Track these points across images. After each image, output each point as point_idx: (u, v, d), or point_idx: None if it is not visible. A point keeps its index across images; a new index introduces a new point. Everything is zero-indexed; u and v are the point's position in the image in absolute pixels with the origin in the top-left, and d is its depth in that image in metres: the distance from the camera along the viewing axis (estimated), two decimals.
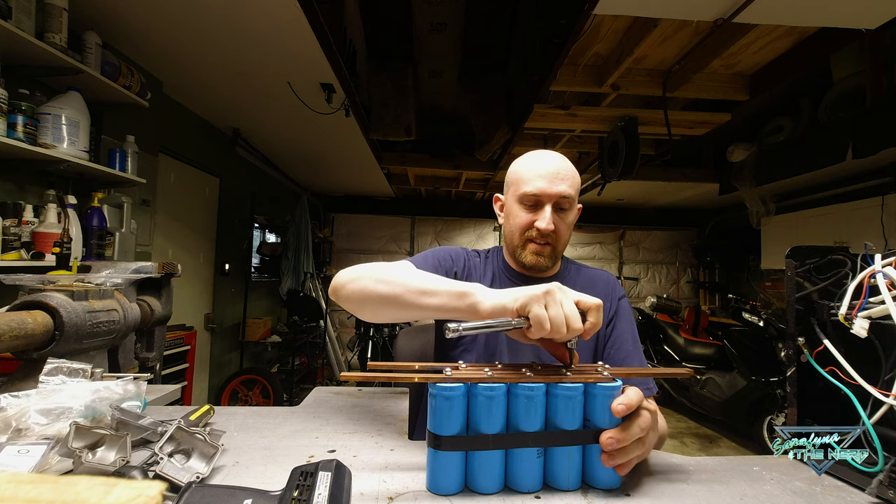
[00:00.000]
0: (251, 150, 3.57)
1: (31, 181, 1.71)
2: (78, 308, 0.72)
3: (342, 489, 0.46)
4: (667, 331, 4.17)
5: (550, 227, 0.81)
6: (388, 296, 0.68)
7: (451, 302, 0.63)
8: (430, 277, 0.68)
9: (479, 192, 5.48)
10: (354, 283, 0.73)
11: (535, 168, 0.84)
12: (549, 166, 0.83)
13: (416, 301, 0.66)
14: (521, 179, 0.84)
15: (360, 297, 0.72)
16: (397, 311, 0.69)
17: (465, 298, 0.62)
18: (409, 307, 0.67)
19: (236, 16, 1.80)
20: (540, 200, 0.82)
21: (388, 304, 0.69)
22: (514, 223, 0.86)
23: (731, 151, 3.73)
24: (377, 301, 0.70)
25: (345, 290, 0.74)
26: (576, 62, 2.54)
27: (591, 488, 0.53)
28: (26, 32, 1.42)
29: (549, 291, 0.55)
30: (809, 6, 1.65)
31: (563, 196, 0.81)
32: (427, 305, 0.65)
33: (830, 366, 0.63)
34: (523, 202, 0.84)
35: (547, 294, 0.55)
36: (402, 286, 0.68)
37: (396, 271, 0.71)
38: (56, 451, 0.49)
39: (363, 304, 0.72)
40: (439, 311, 0.65)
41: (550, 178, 0.81)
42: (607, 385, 0.53)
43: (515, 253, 0.87)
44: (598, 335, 0.88)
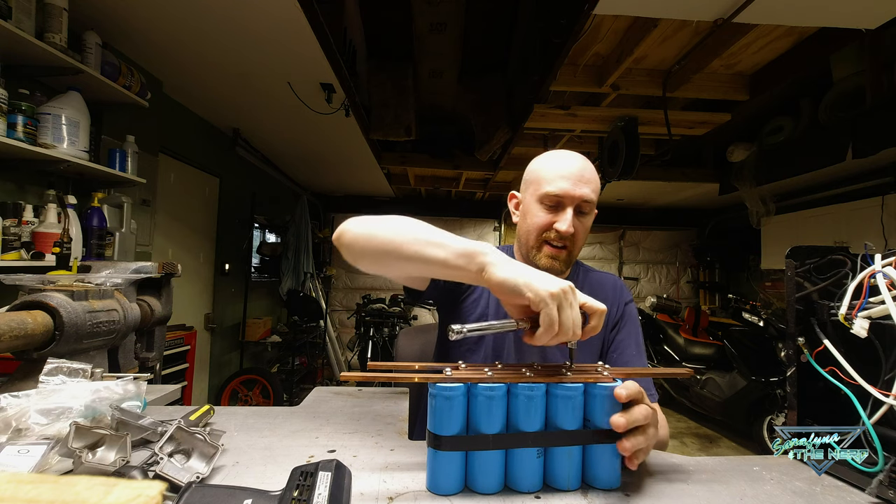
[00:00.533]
0: (251, 150, 3.57)
1: (31, 181, 1.71)
2: (78, 308, 0.72)
3: (342, 489, 0.46)
4: (667, 331, 4.17)
5: (571, 229, 0.79)
6: (392, 242, 0.65)
7: (458, 260, 0.60)
8: (439, 231, 0.64)
9: (479, 192, 5.48)
10: (360, 227, 0.69)
11: (559, 168, 0.81)
12: (574, 167, 0.80)
13: (421, 252, 0.62)
14: (543, 178, 0.82)
15: (364, 241, 0.68)
16: (399, 260, 0.65)
17: (474, 259, 0.58)
18: (411, 258, 0.63)
19: (236, 16, 1.80)
20: (561, 202, 0.80)
21: (391, 253, 0.65)
22: (531, 223, 0.83)
23: (731, 151, 3.73)
24: (380, 247, 0.66)
25: (349, 235, 0.70)
26: (576, 62, 2.54)
27: (591, 488, 0.53)
28: (26, 32, 1.42)
29: (564, 291, 0.53)
30: (809, 6, 1.65)
31: (586, 200, 0.79)
32: (432, 258, 0.61)
33: (830, 366, 0.63)
34: (544, 202, 0.81)
35: (563, 294, 0.53)
36: (408, 233, 0.64)
37: (405, 220, 0.67)
38: (56, 451, 0.49)
39: (365, 252, 0.69)
40: (444, 267, 0.61)
41: (574, 180, 0.79)
42: (607, 385, 0.53)
43: (530, 254, 0.85)
44: (602, 339, 0.87)
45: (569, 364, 0.59)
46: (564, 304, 0.53)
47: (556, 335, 0.53)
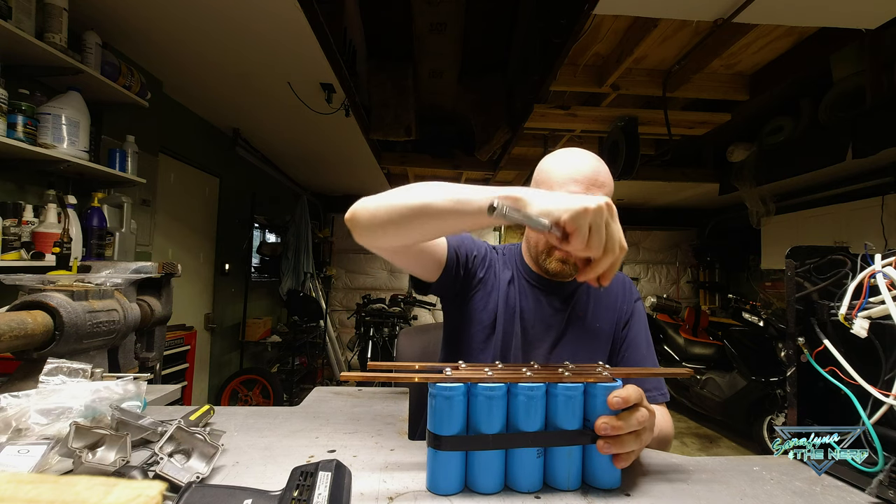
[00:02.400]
0: (251, 150, 3.57)
1: (31, 181, 1.71)
2: (78, 308, 0.72)
3: (342, 489, 0.46)
4: (667, 331, 4.17)
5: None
6: (418, 207, 0.59)
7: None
8: (462, 186, 0.59)
9: None
10: (378, 200, 0.63)
11: (570, 170, 0.77)
12: (587, 169, 0.76)
13: (453, 208, 0.57)
14: (554, 180, 0.78)
15: (385, 213, 0.62)
16: (427, 222, 0.60)
17: (515, 204, 0.54)
18: (442, 216, 0.59)
19: (236, 16, 1.80)
20: None
21: (419, 217, 0.60)
22: None
23: (731, 151, 3.73)
24: (406, 215, 0.60)
25: (366, 211, 0.64)
26: (576, 62, 2.54)
27: (590, 488, 0.53)
28: (26, 32, 1.42)
29: (601, 208, 0.50)
30: (809, 6, 1.65)
31: None
32: (465, 212, 0.57)
33: (830, 366, 0.63)
34: None
35: (599, 210, 0.50)
36: (433, 195, 0.59)
37: (423, 185, 0.62)
38: (56, 451, 0.49)
39: (388, 223, 0.62)
40: (478, 219, 0.57)
41: (587, 184, 0.75)
42: (607, 385, 0.53)
43: (539, 258, 0.83)
44: (613, 337, 0.86)
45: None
46: (598, 220, 0.50)
47: (590, 249, 0.51)
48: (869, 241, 0.66)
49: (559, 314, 0.85)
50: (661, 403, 0.82)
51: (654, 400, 0.80)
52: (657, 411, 0.77)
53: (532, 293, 0.87)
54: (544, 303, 0.86)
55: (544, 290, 0.87)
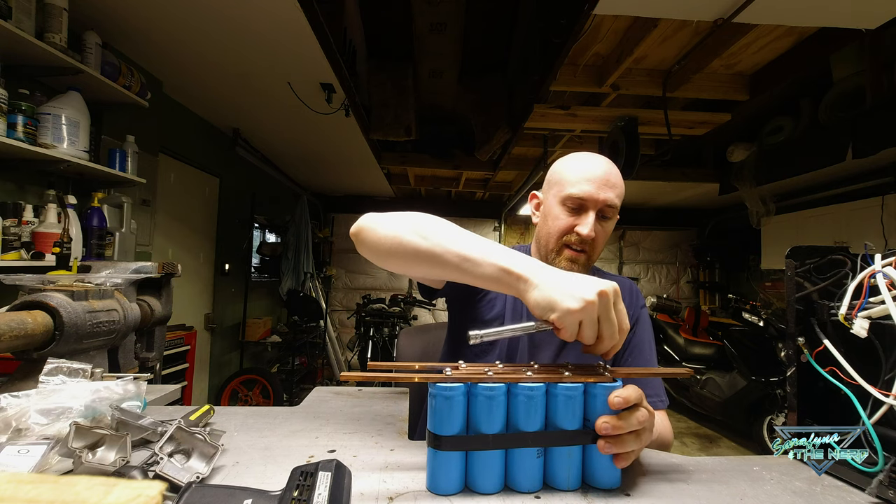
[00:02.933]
0: (251, 150, 3.57)
1: (31, 181, 1.71)
2: (78, 308, 0.72)
3: (342, 489, 0.46)
4: (667, 331, 4.17)
5: (592, 234, 0.78)
6: (424, 252, 0.61)
7: (499, 276, 0.57)
8: (474, 241, 0.60)
9: (479, 192, 5.48)
10: (387, 228, 0.65)
11: (583, 171, 0.80)
12: (598, 170, 0.79)
13: (458, 265, 0.59)
14: (567, 180, 0.80)
15: (391, 245, 0.64)
16: (432, 269, 0.63)
17: (513, 282, 0.56)
18: (446, 269, 0.61)
19: (236, 16, 1.80)
20: (584, 205, 0.79)
21: (423, 262, 0.62)
22: (553, 225, 0.82)
23: (731, 151, 3.73)
24: (411, 255, 0.63)
25: (373, 234, 0.66)
26: (576, 62, 2.54)
27: (591, 488, 0.53)
28: (26, 32, 1.42)
29: (592, 304, 0.51)
30: (809, 6, 1.65)
31: (609, 205, 0.78)
32: (469, 272, 0.59)
33: (830, 366, 0.63)
34: (566, 204, 0.80)
35: (589, 307, 0.51)
36: (441, 246, 0.60)
37: (436, 226, 0.63)
38: (56, 451, 0.49)
39: (392, 255, 0.65)
40: (480, 282, 0.60)
41: (599, 184, 0.78)
42: (607, 385, 0.53)
43: (549, 257, 0.84)
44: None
45: (604, 363, 0.59)
46: (604, 316, 0.51)
47: (585, 341, 0.53)
48: (869, 241, 0.66)
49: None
50: (661, 409, 0.82)
51: (653, 406, 0.80)
52: (657, 416, 0.77)
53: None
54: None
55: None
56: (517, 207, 5.16)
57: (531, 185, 3.86)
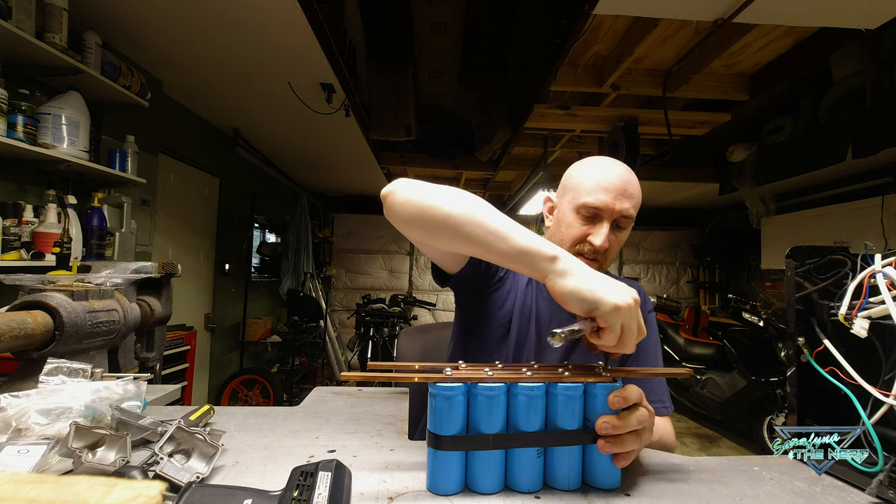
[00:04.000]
0: (251, 150, 3.57)
1: (31, 181, 1.71)
2: (78, 308, 0.72)
3: (342, 489, 0.46)
4: (667, 331, 4.17)
5: (606, 244, 0.76)
6: (451, 220, 0.59)
7: (521, 258, 0.55)
8: (503, 218, 0.58)
9: (479, 192, 5.48)
10: (417, 192, 0.62)
11: (600, 178, 0.77)
12: (616, 179, 0.76)
13: (482, 238, 0.57)
14: (583, 188, 0.78)
15: (417, 209, 0.61)
16: (455, 240, 0.60)
17: (538, 263, 0.54)
18: (469, 241, 0.58)
19: (236, 16, 1.80)
20: (599, 214, 0.77)
21: (447, 231, 0.60)
22: (566, 233, 0.80)
23: (731, 151, 3.73)
24: (438, 222, 0.60)
25: (402, 197, 0.63)
26: (576, 62, 2.54)
27: (591, 488, 0.53)
28: (26, 32, 1.42)
29: (630, 307, 0.50)
30: (809, 6, 1.65)
31: (625, 215, 0.76)
32: (493, 247, 0.57)
33: (830, 366, 0.63)
34: (580, 212, 0.78)
35: (629, 310, 0.50)
36: (469, 215, 0.58)
37: (466, 198, 0.61)
38: (56, 451, 0.49)
39: (417, 219, 0.62)
40: (503, 259, 0.57)
41: (616, 193, 0.75)
42: (607, 385, 0.53)
43: None
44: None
45: (603, 364, 0.59)
46: (629, 320, 0.51)
47: (616, 346, 0.52)
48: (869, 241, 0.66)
49: (573, 318, 0.85)
50: (665, 416, 0.81)
51: (658, 413, 0.79)
52: (660, 422, 0.76)
53: (549, 296, 0.85)
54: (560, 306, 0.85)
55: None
56: (517, 207, 5.16)
57: (531, 185, 3.85)
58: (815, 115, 3.08)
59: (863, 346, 0.59)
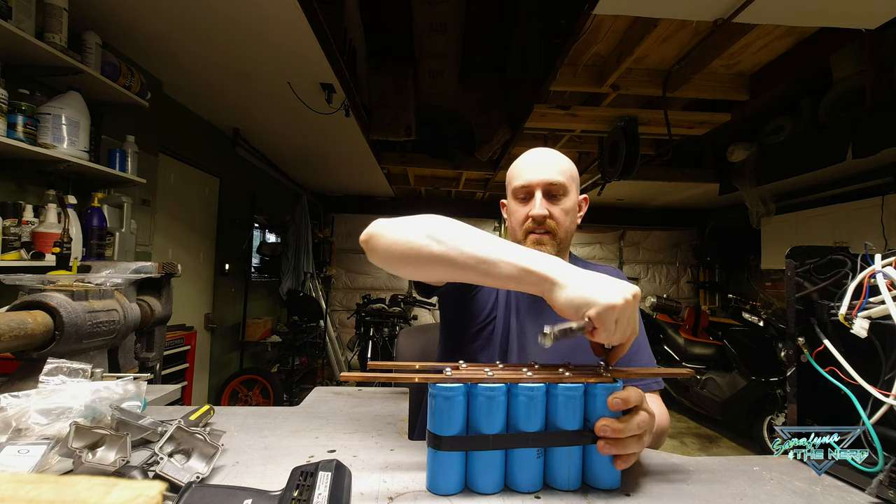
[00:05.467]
0: (251, 150, 3.57)
1: (31, 181, 1.71)
2: (78, 308, 0.72)
3: (342, 489, 0.46)
4: (667, 331, 4.17)
5: (542, 211, 0.81)
6: (439, 256, 0.60)
7: (518, 281, 0.57)
8: (489, 241, 0.60)
9: (479, 192, 5.48)
10: (398, 234, 0.64)
11: (524, 163, 0.86)
12: (537, 157, 0.85)
13: (475, 268, 0.59)
14: (513, 176, 0.87)
15: (403, 250, 0.63)
16: (448, 273, 0.62)
17: (537, 282, 0.56)
18: (463, 271, 0.60)
19: (236, 16, 1.80)
20: (530, 191, 0.83)
21: (438, 266, 0.61)
22: (513, 220, 0.87)
23: (731, 151, 3.73)
24: (425, 260, 0.62)
25: (385, 241, 0.65)
26: (576, 62, 2.54)
27: (591, 489, 0.53)
28: (26, 32, 1.42)
29: (628, 303, 0.52)
30: (809, 6, 1.65)
31: (552, 182, 0.82)
32: (488, 274, 0.58)
33: (830, 366, 0.63)
34: (517, 196, 0.86)
35: (625, 307, 0.51)
36: (457, 249, 0.59)
37: (449, 228, 0.63)
38: (56, 451, 0.49)
39: (405, 261, 0.64)
40: (500, 283, 0.59)
41: (538, 168, 0.83)
42: (607, 385, 0.53)
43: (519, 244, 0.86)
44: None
45: (604, 364, 0.59)
46: (622, 316, 0.52)
47: (612, 342, 0.54)
48: (869, 241, 0.66)
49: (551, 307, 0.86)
50: (656, 392, 0.82)
51: (647, 387, 0.80)
52: (652, 401, 0.77)
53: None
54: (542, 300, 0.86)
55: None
56: None
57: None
58: (815, 115, 3.07)
59: (863, 346, 0.59)
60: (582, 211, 0.91)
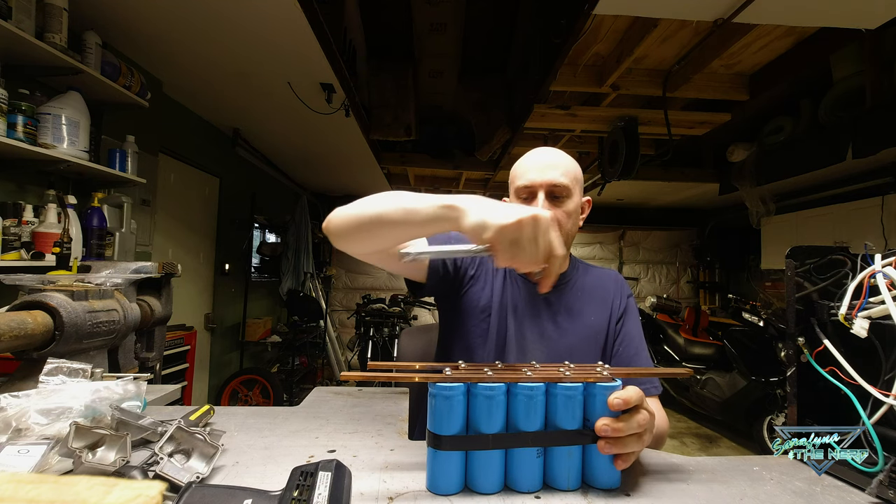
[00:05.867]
0: (251, 150, 3.57)
1: (31, 181, 1.71)
2: (78, 308, 0.72)
3: (342, 489, 0.46)
4: (667, 331, 4.17)
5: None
6: (372, 217, 0.65)
7: (440, 212, 0.59)
8: (419, 196, 0.63)
9: (479, 192, 5.48)
10: (343, 211, 0.70)
11: (528, 162, 0.85)
12: (541, 157, 0.84)
13: (402, 218, 0.63)
14: (516, 175, 0.86)
15: (347, 224, 0.69)
16: (383, 232, 0.66)
17: (453, 215, 0.58)
18: (394, 227, 0.64)
19: (236, 16, 1.80)
20: (533, 191, 0.82)
21: (374, 228, 0.66)
22: None
23: (731, 151, 3.73)
24: (364, 225, 0.67)
25: (335, 221, 0.71)
26: (576, 62, 2.54)
27: (590, 488, 0.53)
28: (26, 32, 1.42)
29: (521, 223, 0.52)
30: (809, 6, 1.65)
31: (555, 184, 0.81)
32: (412, 221, 0.62)
33: (830, 366, 0.63)
34: (519, 196, 0.84)
35: (519, 226, 0.52)
36: (386, 206, 0.64)
37: (385, 194, 0.68)
38: (56, 451, 0.49)
39: (350, 233, 0.69)
40: (425, 228, 0.62)
41: (541, 168, 0.82)
42: (607, 385, 0.53)
43: None
44: (606, 332, 0.87)
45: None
46: (520, 236, 0.53)
47: (515, 263, 0.54)
48: (869, 241, 0.66)
49: (549, 309, 0.87)
50: (654, 396, 0.82)
51: (647, 392, 0.80)
52: (651, 404, 0.77)
53: (525, 286, 0.89)
54: (537, 298, 0.88)
55: (532, 285, 0.89)
56: None
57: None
58: (815, 115, 3.07)
59: (863, 346, 0.59)
60: (585, 213, 0.90)
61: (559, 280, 0.89)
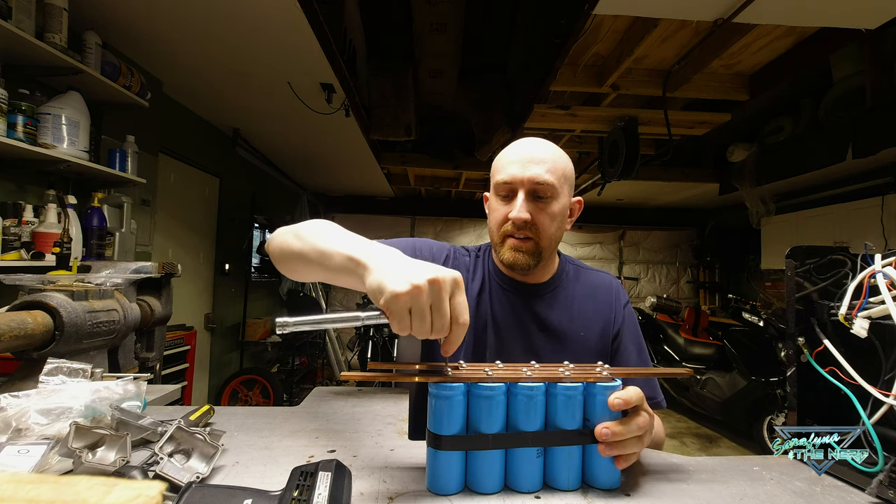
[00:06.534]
0: (251, 150, 3.57)
1: (31, 181, 1.71)
2: (78, 308, 0.72)
3: (342, 489, 0.46)
4: (667, 331, 4.17)
5: (523, 215, 0.71)
6: (297, 253, 0.63)
7: (346, 272, 0.55)
8: (337, 236, 0.59)
9: (479, 192, 5.48)
10: (280, 236, 0.68)
11: (510, 154, 0.76)
12: (525, 150, 0.75)
13: (319, 262, 0.59)
14: (497, 169, 0.77)
15: (280, 251, 0.67)
16: (306, 269, 0.64)
17: (358, 271, 0.53)
18: (314, 267, 0.61)
19: (236, 15, 1.80)
20: (514, 188, 0.74)
21: (298, 262, 0.64)
22: (492, 219, 0.78)
23: (731, 151, 3.73)
24: (291, 257, 0.65)
25: (272, 244, 0.70)
26: (576, 62, 2.54)
27: (591, 488, 0.53)
28: (26, 32, 1.42)
29: (418, 290, 0.45)
30: (809, 6, 1.65)
31: (538, 182, 0.72)
32: (326, 267, 0.58)
33: (830, 366, 0.63)
34: (499, 193, 0.76)
35: (415, 293, 0.45)
36: (309, 245, 0.61)
37: (315, 228, 0.64)
38: (56, 451, 0.49)
39: (281, 260, 0.68)
40: (337, 277, 0.59)
41: (524, 162, 0.73)
42: (607, 385, 0.53)
43: (497, 251, 0.78)
44: (601, 348, 0.81)
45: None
46: (418, 304, 0.46)
47: (416, 333, 0.48)
48: (869, 241, 0.66)
49: (535, 321, 0.80)
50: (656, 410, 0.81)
51: (655, 406, 0.79)
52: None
53: (505, 298, 0.81)
54: (518, 308, 0.81)
55: (518, 294, 0.81)
56: None
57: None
58: (815, 115, 3.08)
59: (863, 346, 0.59)
60: (574, 216, 0.81)
61: (545, 289, 0.82)
